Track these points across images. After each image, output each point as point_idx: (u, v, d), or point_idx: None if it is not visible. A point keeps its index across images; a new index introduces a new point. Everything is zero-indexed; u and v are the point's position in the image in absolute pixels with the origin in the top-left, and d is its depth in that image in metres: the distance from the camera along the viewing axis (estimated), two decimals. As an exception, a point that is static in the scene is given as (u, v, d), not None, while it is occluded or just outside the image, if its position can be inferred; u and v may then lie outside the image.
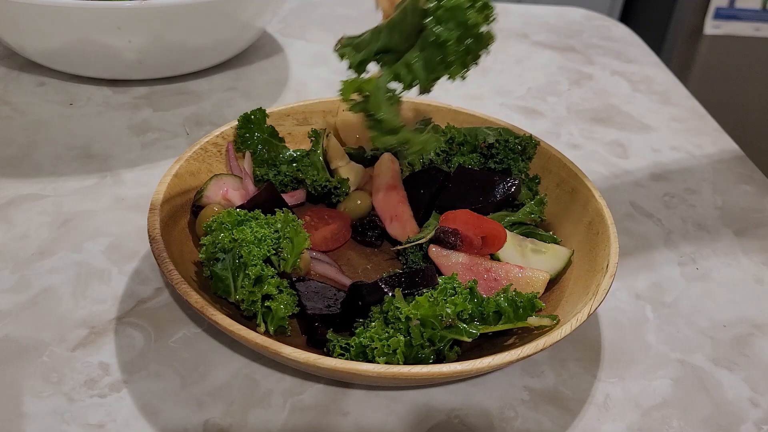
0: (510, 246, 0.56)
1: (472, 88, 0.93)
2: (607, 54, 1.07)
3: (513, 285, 0.49)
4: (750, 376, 0.52)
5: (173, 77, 0.88)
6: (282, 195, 0.59)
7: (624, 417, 0.48)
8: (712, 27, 1.73)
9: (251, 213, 0.52)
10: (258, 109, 0.65)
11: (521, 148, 0.63)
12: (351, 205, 0.61)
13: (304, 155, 0.64)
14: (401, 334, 0.45)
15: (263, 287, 0.48)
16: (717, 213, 0.71)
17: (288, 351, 0.42)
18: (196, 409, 0.46)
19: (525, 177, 0.63)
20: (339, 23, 1.11)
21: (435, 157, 0.65)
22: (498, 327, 0.47)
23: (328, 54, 1.00)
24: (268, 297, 0.48)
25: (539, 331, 0.47)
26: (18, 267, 0.56)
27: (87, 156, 0.72)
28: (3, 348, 0.49)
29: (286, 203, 0.58)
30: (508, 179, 0.60)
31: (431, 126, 0.68)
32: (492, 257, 0.55)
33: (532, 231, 0.59)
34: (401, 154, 0.65)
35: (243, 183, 0.60)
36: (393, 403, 0.48)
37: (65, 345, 0.50)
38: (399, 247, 0.57)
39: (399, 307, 0.46)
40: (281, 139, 0.67)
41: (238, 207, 0.55)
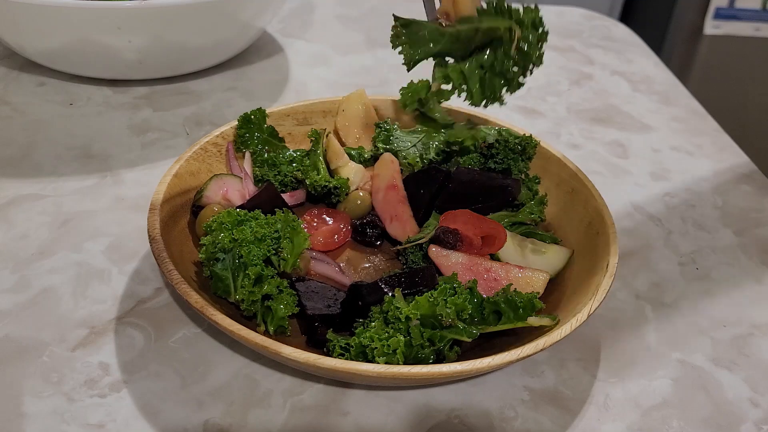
0: (510, 246, 0.56)
1: (472, 88, 0.93)
2: (607, 54, 1.07)
3: (513, 285, 0.49)
4: (750, 376, 0.52)
5: (173, 77, 0.88)
6: (282, 195, 0.59)
7: (624, 417, 0.48)
8: (712, 27, 1.73)
9: (251, 213, 0.52)
10: (258, 109, 0.65)
11: (521, 148, 0.63)
12: (351, 205, 0.61)
13: (304, 155, 0.64)
14: (401, 334, 0.45)
15: (263, 287, 0.48)
16: (717, 213, 0.71)
17: (288, 351, 0.42)
18: (196, 409, 0.46)
19: (525, 177, 0.64)
20: (339, 23, 1.11)
21: (435, 157, 0.65)
22: (498, 327, 0.47)
23: (328, 54, 1.00)
24: (268, 297, 0.48)
25: (539, 331, 0.47)
26: (18, 267, 0.56)
27: (87, 156, 0.72)
28: (3, 348, 0.49)
29: (286, 203, 0.58)
30: (507, 179, 0.60)
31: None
32: (492, 257, 0.55)
33: (532, 231, 0.59)
34: (401, 154, 0.65)
35: (243, 183, 0.60)
36: (393, 403, 0.48)
37: (65, 345, 0.50)
38: (399, 247, 0.57)
39: (399, 307, 0.46)
40: (281, 139, 0.67)
41: (238, 207, 0.55)
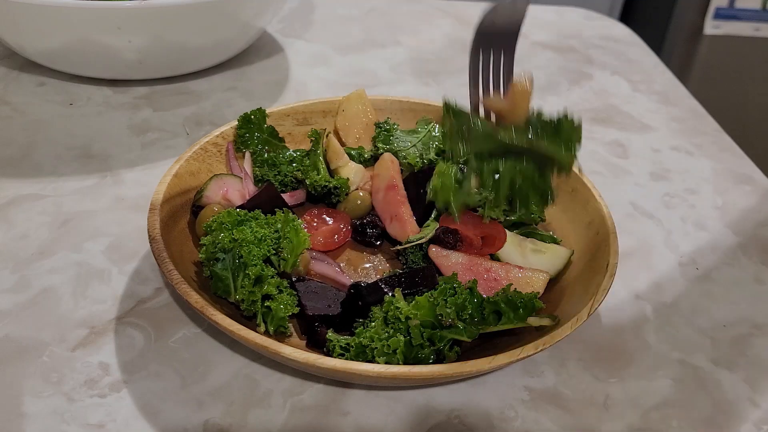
0: (510, 246, 0.56)
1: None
2: (607, 54, 1.07)
3: (513, 285, 0.49)
4: (750, 376, 0.52)
5: (173, 77, 0.88)
6: (282, 195, 0.59)
7: (624, 417, 0.48)
8: (712, 27, 1.73)
9: (251, 213, 0.52)
10: (258, 109, 0.65)
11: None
12: (351, 205, 0.61)
13: (304, 155, 0.64)
14: (401, 334, 0.45)
15: (263, 287, 0.48)
16: (717, 213, 0.71)
17: (288, 351, 0.42)
18: (196, 409, 0.46)
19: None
20: (339, 23, 1.11)
21: (435, 157, 0.65)
22: (498, 327, 0.47)
23: (328, 54, 1.00)
24: (268, 297, 0.48)
25: (539, 331, 0.47)
26: (18, 267, 0.56)
27: (87, 156, 0.72)
28: (3, 348, 0.49)
29: (286, 203, 0.58)
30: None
31: (431, 125, 0.68)
32: (492, 257, 0.55)
33: (532, 231, 0.59)
34: (401, 154, 0.65)
35: (243, 183, 0.60)
36: (393, 403, 0.47)
37: (65, 345, 0.50)
38: (399, 247, 0.57)
39: (399, 307, 0.46)
40: (281, 139, 0.67)
41: (238, 207, 0.55)
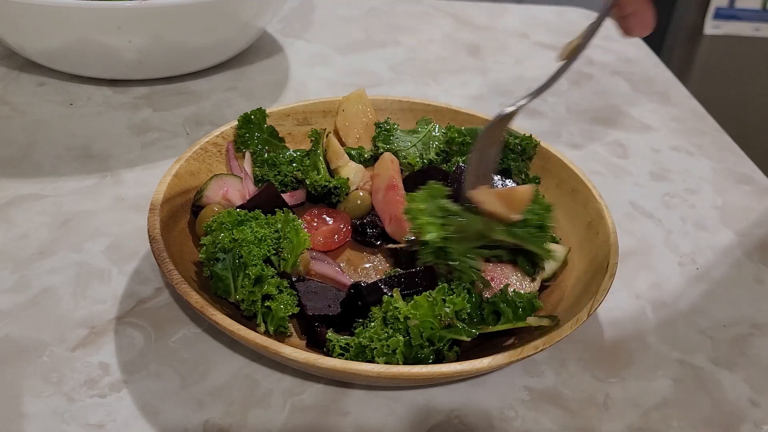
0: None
1: (472, 88, 0.93)
2: (607, 54, 1.07)
3: (510, 284, 0.49)
4: (750, 376, 0.52)
5: (173, 77, 0.88)
6: (282, 195, 0.59)
7: (624, 417, 0.48)
8: (712, 27, 1.73)
9: (251, 213, 0.52)
10: (258, 109, 0.65)
11: (521, 148, 0.63)
12: (351, 205, 0.61)
13: (304, 155, 0.64)
14: (400, 334, 0.45)
15: (263, 287, 0.48)
16: (717, 213, 0.71)
17: (288, 351, 0.42)
18: (196, 409, 0.46)
19: (525, 177, 0.64)
20: (339, 23, 1.11)
21: (435, 157, 0.65)
22: (497, 327, 0.47)
23: (328, 54, 1.00)
24: (268, 297, 0.48)
25: (539, 331, 0.47)
26: (18, 267, 0.56)
27: (87, 156, 0.72)
28: (3, 348, 0.49)
29: (286, 203, 0.58)
30: (506, 182, 0.59)
31: (431, 125, 0.68)
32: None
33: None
34: (401, 154, 0.65)
35: (243, 183, 0.60)
36: (393, 403, 0.47)
37: (65, 345, 0.50)
38: (393, 246, 0.57)
39: (398, 307, 0.46)
40: (281, 139, 0.67)
41: (238, 207, 0.55)
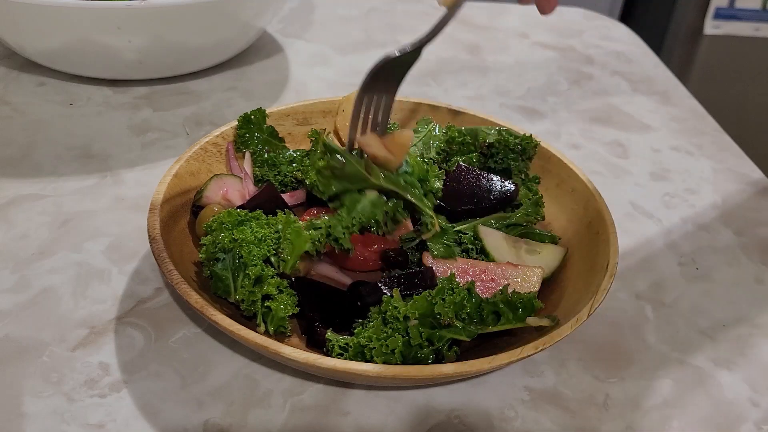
0: (504, 247, 0.56)
1: (472, 88, 0.93)
2: (607, 54, 1.07)
3: (510, 284, 0.49)
4: (750, 376, 0.52)
5: (173, 77, 0.88)
6: (282, 195, 0.59)
7: (624, 417, 0.48)
8: (712, 27, 1.73)
9: (251, 213, 0.52)
10: (258, 109, 0.65)
11: (521, 148, 0.63)
12: (351, 205, 0.61)
13: (304, 155, 0.64)
14: (399, 333, 0.45)
15: (263, 287, 0.48)
16: (717, 213, 0.71)
17: (288, 351, 0.42)
18: (196, 409, 0.46)
19: (525, 177, 0.63)
20: (339, 23, 1.11)
21: (435, 157, 0.65)
22: (497, 327, 0.47)
23: (328, 54, 1.00)
24: (268, 297, 0.48)
25: (539, 331, 0.47)
26: (18, 267, 0.56)
27: (87, 156, 0.72)
28: (3, 348, 0.49)
29: (286, 203, 0.58)
30: (506, 183, 0.59)
31: (431, 125, 0.68)
32: (488, 258, 0.55)
33: (529, 231, 0.59)
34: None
35: (243, 183, 0.60)
36: (393, 403, 0.48)
37: (65, 345, 0.50)
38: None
39: (396, 307, 0.45)
40: (281, 139, 0.67)
41: (238, 207, 0.55)
